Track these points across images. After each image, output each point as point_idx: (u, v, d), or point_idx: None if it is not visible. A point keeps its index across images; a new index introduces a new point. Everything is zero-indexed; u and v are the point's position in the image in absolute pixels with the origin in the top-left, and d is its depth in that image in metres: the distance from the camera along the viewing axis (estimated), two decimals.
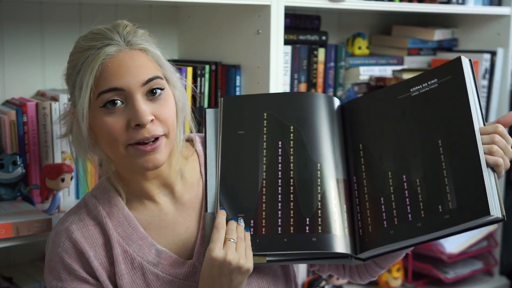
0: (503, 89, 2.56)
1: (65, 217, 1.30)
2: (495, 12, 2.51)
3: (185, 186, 1.34)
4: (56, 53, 1.86)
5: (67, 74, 1.27)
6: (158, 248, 1.28)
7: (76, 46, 1.26)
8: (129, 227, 1.28)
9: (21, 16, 1.81)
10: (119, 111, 1.20)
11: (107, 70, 1.19)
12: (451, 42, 2.65)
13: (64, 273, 1.25)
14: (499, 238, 2.64)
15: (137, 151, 1.21)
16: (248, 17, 1.87)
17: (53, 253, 1.27)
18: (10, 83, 1.81)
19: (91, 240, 1.26)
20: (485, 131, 1.20)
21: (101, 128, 1.21)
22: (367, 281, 1.42)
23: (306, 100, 1.34)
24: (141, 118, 1.18)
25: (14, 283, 1.73)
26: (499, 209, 1.13)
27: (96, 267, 1.25)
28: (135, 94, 1.20)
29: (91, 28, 1.27)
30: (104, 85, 1.19)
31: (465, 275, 2.54)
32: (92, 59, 1.20)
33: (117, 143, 1.21)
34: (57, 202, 1.63)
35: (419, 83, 1.28)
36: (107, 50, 1.20)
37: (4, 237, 1.47)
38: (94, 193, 1.32)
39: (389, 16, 2.64)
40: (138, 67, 1.21)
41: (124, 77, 1.19)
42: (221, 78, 1.95)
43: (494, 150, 1.17)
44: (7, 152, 1.65)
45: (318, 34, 2.21)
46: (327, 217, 1.23)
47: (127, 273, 1.26)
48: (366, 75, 2.38)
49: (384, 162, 1.26)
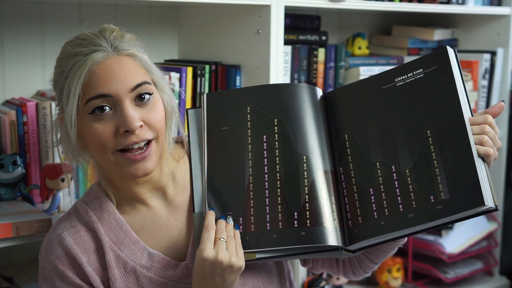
0: (503, 89, 2.56)
1: (56, 224, 1.30)
2: (495, 12, 2.51)
3: (177, 188, 1.33)
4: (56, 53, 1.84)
5: (54, 80, 1.26)
6: (150, 251, 1.28)
7: (62, 52, 1.25)
8: (121, 232, 1.28)
9: (21, 16, 1.81)
10: (108, 117, 1.20)
11: (94, 77, 1.19)
12: (451, 42, 2.65)
13: (58, 280, 1.25)
14: (499, 238, 2.64)
15: (127, 159, 1.21)
16: (248, 17, 1.87)
17: (46, 261, 1.27)
18: (10, 83, 1.81)
19: (83, 246, 1.26)
20: (475, 121, 1.20)
21: (90, 134, 1.21)
22: (360, 277, 1.42)
23: (288, 91, 1.33)
24: (129, 124, 1.18)
25: (14, 283, 1.74)
26: (492, 199, 1.14)
27: (90, 273, 1.25)
28: (123, 100, 1.19)
29: (78, 34, 1.26)
30: (92, 92, 1.19)
31: (465, 275, 2.54)
32: (80, 65, 1.19)
33: (106, 149, 1.20)
34: (57, 202, 1.63)
35: (404, 73, 1.27)
36: (94, 56, 1.19)
37: (4, 237, 1.47)
38: (84, 199, 1.31)
39: (389, 16, 2.64)
40: (125, 73, 1.20)
41: (112, 84, 1.19)
42: (221, 78, 1.95)
43: (484, 140, 1.18)
44: (7, 152, 1.65)
45: (318, 34, 2.21)
46: (315, 210, 1.22)
47: (120, 277, 1.26)
48: (366, 75, 2.37)
49: (372, 152, 1.25)
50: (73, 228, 1.27)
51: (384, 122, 1.26)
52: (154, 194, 1.31)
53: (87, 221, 1.28)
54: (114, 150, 1.20)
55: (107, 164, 1.24)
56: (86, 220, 1.28)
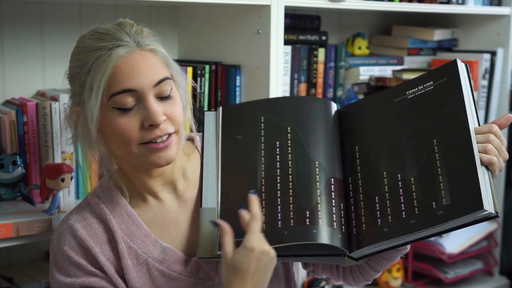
0: (503, 89, 2.56)
1: (67, 217, 1.30)
2: (495, 12, 2.51)
3: (187, 183, 1.34)
4: (56, 53, 1.86)
5: (72, 74, 1.26)
6: (162, 245, 1.29)
7: (81, 46, 1.25)
8: (133, 224, 1.29)
9: (21, 16, 1.81)
10: (132, 112, 1.21)
11: (119, 72, 1.20)
12: (451, 42, 2.65)
13: (73, 268, 1.25)
14: (499, 238, 2.64)
15: (150, 149, 1.22)
16: (248, 17, 1.87)
17: (59, 252, 1.27)
18: (10, 83, 1.81)
19: (95, 237, 1.27)
20: (480, 130, 1.21)
21: (113, 128, 1.22)
22: (361, 284, 1.41)
23: (303, 103, 1.35)
24: (155, 118, 1.20)
25: (14, 283, 1.73)
26: (493, 205, 1.15)
27: (103, 262, 1.25)
28: (147, 94, 1.21)
29: (95, 27, 1.26)
30: (116, 87, 1.20)
31: (465, 275, 2.54)
32: (104, 60, 1.20)
33: (129, 142, 1.22)
34: (57, 202, 1.63)
35: (415, 85, 1.29)
36: (119, 51, 1.20)
37: (4, 237, 1.47)
38: (96, 192, 1.32)
39: (389, 16, 2.64)
40: (149, 67, 1.22)
41: (136, 79, 1.20)
42: (221, 78, 1.94)
43: (488, 148, 1.18)
44: (7, 152, 1.65)
45: (318, 34, 2.21)
46: (327, 212, 1.23)
47: (133, 267, 1.27)
48: (366, 75, 2.38)
49: (380, 162, 1.27)
50: (85, 220, 1.28)
51: (393, 133, 1.28)
52: (165, 188, 1.32)
53: (99, 213, 1.28)
54: (138, 143, 1.22)
55: (128, 156, 1.25)
56: (97, 213, 1.29)
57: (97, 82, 1.20)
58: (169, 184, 1.33)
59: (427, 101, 1.26)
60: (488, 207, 1.13)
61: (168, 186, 1.33)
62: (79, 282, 1.25)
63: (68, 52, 1.29)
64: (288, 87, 2.11)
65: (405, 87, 1.31)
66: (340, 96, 2.30)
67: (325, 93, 2.24)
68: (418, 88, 1.29)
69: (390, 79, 2.34)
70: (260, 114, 1.34)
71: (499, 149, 1.20)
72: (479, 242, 2.57)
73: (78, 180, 1.77)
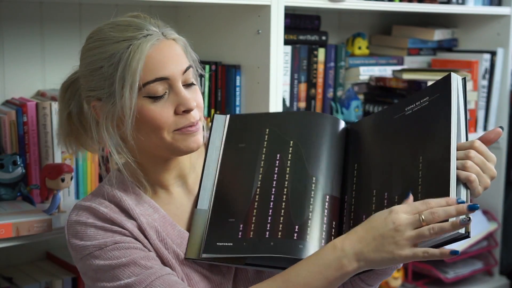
0: (503, 89, 2.56)
1: (81, 202, 1.27)
2: (495, 12, 2.51)
3: (197, 179, 1.35)
4: (56, 53, 1.86)
5: (93, 68, 1.24)
6: (180, 229, 1.29)
7: (103, 38, 1.24)
8: (149, 208, 1.28)
9: (21, 16, 1.81)
10: (164, 99, 1.23)
11: (151, 61, 1.21)
12: (451, 42, 2.65)
13: (100, 232, 1.22)
14: (499, 238, 2.64)
15: (183, 135, 1.24)
16: (248, 17, 1.87)
17: (81, 225, 1.23)
18: (10, 83, 1.81)
19: (117, 213, 1.25)
20: (461, 146, 1.17)
21: (146, 116, 1.22)
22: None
23: (311, 119, 1.36)
24: (189, 104, 1.23)
25: (14, 283, 1.74)
26: None
27: (131, 228, 1.23)
28: (177, 82, 1.23)
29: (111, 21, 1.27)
30: (149, 75, 1.21)
31: (465, 275, 2.54)
32: (135, 50, 1.20)
33: (162, 130, 1.23)
34: (57, 202, 1.63)
35: (413, 102, 1.28)
36: (149, 39, 1.21)
37: (4, 237, 1.47)
38: (109, 182, 1.31)
39: (389, 16, 2.64)
40: (177, 56, 1.25)
41: (168, 67, 1.22)
42: (221, 78, 1.95)
43: (468, 165, 1.14)
44: (7, 152, 1.65)
45: (318, 34, 2.21)
46: (317, 228, 1.22)
47: (156, 239, 1.25)
48: (366, 75, 2.38)
49: (372, 181, 1.26)
50: (103, 203, 1.26)
51: (388, 151, 1.27)
52: (176, 181, 1.33)
53: (113, 198, 1.27)
54: (171, 130, 1.23)
55: (159, 144, 1.24)
56: (111, 197, 1.27)
57: (131, 72, 1.19)
58: (180, 177, 1.33)
59: (421, 118, 1.24)
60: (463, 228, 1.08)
61: (179, 180, 1.33)
62: (111, 240, 1.21)
63: (68, 52, 1.29)
64: (288, 87, 2.11)
65: (405, 103, 1.30)
66: (340, 96, 2.30)
67: (325, 93, 2.24)
68: (416, 104, 1.27)
69: (390, 79, 2.34)
70: (265, 126, 1.36)
71: (482, 166, 1.15)
72: (479, 242, 2.57)
73: (78, 180, 1.77)
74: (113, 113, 1.23)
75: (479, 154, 1.16)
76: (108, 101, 1.23)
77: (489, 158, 1.17)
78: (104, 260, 1.20)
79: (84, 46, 1.29)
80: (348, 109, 2.26)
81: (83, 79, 1.28)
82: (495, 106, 2.55)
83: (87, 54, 1.26)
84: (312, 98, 2.20)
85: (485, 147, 1.18)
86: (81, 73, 1.28)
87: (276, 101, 1.85)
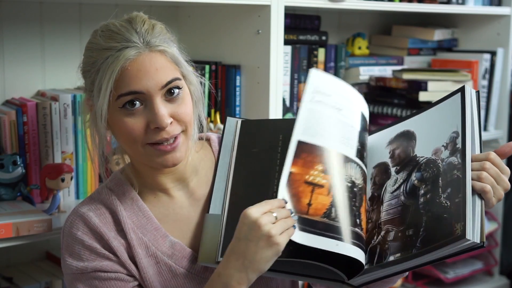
0: (503, 89, 2.56)
1: (78, 207, 1.30)
2: (495, 12, 2.51)
3: (200, 182, 1.35)
4: (56, 53, 1.86)
5: (84, 69, 1.27)
6: (172, 239, 1.29)
7: (93, 42, 1.25)
8: (143, 217, 1.29)
9: (21, 16, 1.81)
10: (138, 112, 1.22)
11: (126, 73, 1.20)
12: (451, 42, 2.65)
13: (86, 252, 1.25)
14: (499, 238, 2.64)
15: (156, 151, 1.23)
16: (248, 17, 1.87)
17: (72, 239, 1.26)
18: (10, 83, 1.81)
19: (109, 225, 1.26)
20: (477, 158, 1.19)
21: (120, 127, 1.22)
22: None
23: None
24: (161, 122, 1.20)
25: (14, 283, 1.73)
26: (479, 235, 1.10)
27: (117, 247, 1.25)
28: (154, 97, 1.21)
29: (107, 23, 1.26)
30: (123, 88, 1.20)
31: (465, 275, 2.54)
32: (112, 61, 1.20)
33: (136, 142, 1.22)
34: (57, 202, 1.63)
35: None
36: (126, 53, 1.20)
37: (4, 237, 1.47)
38: (108, 184, 1.32)
39: (389, 16, 2.64)
40: (157, 70, 1.21)
41: (143, 81, 1.20)
42: (221, 78, 1.95)
43: (482, 176, 1.15)
44: (7, 152, 1.65)
45: (318, 34, 2.21)
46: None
47: (144, 257, 1.27)
48: (366, 75, 2.38)
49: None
50: (98, 210, 1.28)
51: None
52: (176, 185, 1.33)
53: (109, 205, 1.28)
54: (144, 144, 1.23)
55: (135, 155, 1.26)
56: (108, 204, 1.28)
57: (105, 82, 1.20)
58: (180, 181, 1.33)
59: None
60: (472, 237, 1.09)
61: (179, 183, 1.33)
62: (92, 265, 1.24)
63: (68, 52, 1.29)
64: (288, 87, 2.11)
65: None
66: None
67: None
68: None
69: (390, 79, 2.34)
70: (279, 133, 1.34)
71: (497, 177, 1.17)
72: None
73: (78, 180, 1.77)
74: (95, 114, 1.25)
75: (494, 166, 1.18)
76: (91, 100, 1.25)
77: (504, 170, 1.19)
78: (83, 284, 1.25)
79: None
80: None
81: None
82: (495, 106, 2.55)
83: (84, 53, 1.28)
84: None
85: (500, 159, 1.20)
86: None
87: (276, 101, 1.86)
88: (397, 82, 2.31)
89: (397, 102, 2.32)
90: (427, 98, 2.24)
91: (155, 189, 1.32)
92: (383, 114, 2.34)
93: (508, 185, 1.19)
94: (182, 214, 1.32)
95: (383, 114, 2.34)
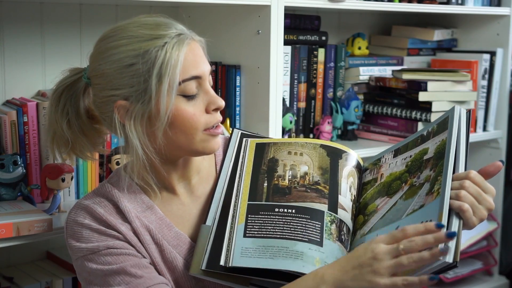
0: (503, 89, 2.56)
1: (81, 200, 1.29)
2: (495, 12, 2.52)
3: (201, 180, 1.36)
4: (56, 53, 1.87)
5: (122, 66, 1.20)
6: (177, 230, 1.29)
7: (129, 36, 1.20)
8: (147, 209, 1.28)
9: (21, 16, 1.81)
10: (196, 98, 1.23)
11: (187, 59, 1.21)
12: (451, 42, 2.65)
13: (95, 235, 1.23)
14: (499, 238, 2.64)
15: (210, 135, 1.25)
16: (248, 17, 1.87)
17: (78, 225, 1.24)
18: (10, 83, 1.81)
19: (113, 214, 1.26)
20: (457, 177, 1.16)
21: (180, 116, 1.22)
22: None
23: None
24: (220, 102, 1.24)
25: (14, 283, 1.74)
26: (453, 254, 1.07)
27: (125, 232, 1.24)
28: (206, 81, 1.25)
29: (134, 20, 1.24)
30: (186, 74, 1.21)
31: (464, 275, 2.54)
32: (172, 46, 1.19)
33: (196, 129, 1.23)
34: (57, 202, 1.64)
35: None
36: (184, 39, 1.21)
37: (5, 237, 1.47)
38: (110, 180, 1.32)
39: (389, 16, 2.64)
40: (204, 57, 1.26)
41: (200, 65, 1.23)
42: (221, 78, 1.95)
43: (461, 195, 1.13)
44: (8, 152, 1.65)
45: (318, 34, 2.21)
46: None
47: (151, 243, 1.26)
48: (366, 75, 2.38)
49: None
50: (101, 203, 1.27)
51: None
52: (181, 182, 1.33)
53: (111, 197, 1.28)
54: (203, 129, 1.24)
55: (187, 143, 1.24)
56: (110, 197, 1.28)
57: (171, 69, 1.18)
58: (185, 178, 1.33)
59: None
60: (445, 256, 1.06)
61: (183, 181, 1.33)
62: (103, 244, 1.22)
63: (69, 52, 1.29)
64: (288, 87, 2.11)
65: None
66: (340, 96, 2.30)
67: (325, 93, 2.24)
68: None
69: (389, 79, 2.34)
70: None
71: (477, 196, 1.14)
72: (479, 242, 2.57)
73: (78, 180, 1.77)
74: (143, 112, 1.20)
75: (474, 184, 1.15)
76: (138, 99, 1.20)
77: (486, 189, 1.16)
78: (96, 264, 1.21)
79: (102, 45, 1.24)
80: (348, 109, 2.26)
81: (102, 78, 1.23)
82: (495, 106, 2.55)
83: (110, 52, 1.21)
84: (312, 98, 2.20)
85: (481, 177, 1.17)
86: (100, 72, 1.23)
87: (276, 101, 1.86)
88: (397, 82, 2.31)
89: (396, 102, 2.33)
90: (426, 98, 2.24)
91: (161, 187, 1.31)
92: (383, 114, 2.34)
93: (492, 204, 1.16)
94: (184, 210, 1.32)
95: (383, 114, 2.35)
